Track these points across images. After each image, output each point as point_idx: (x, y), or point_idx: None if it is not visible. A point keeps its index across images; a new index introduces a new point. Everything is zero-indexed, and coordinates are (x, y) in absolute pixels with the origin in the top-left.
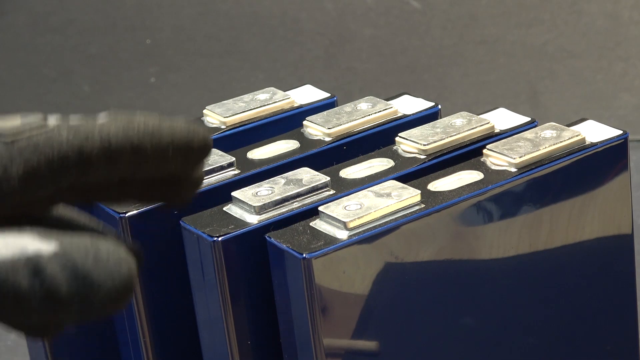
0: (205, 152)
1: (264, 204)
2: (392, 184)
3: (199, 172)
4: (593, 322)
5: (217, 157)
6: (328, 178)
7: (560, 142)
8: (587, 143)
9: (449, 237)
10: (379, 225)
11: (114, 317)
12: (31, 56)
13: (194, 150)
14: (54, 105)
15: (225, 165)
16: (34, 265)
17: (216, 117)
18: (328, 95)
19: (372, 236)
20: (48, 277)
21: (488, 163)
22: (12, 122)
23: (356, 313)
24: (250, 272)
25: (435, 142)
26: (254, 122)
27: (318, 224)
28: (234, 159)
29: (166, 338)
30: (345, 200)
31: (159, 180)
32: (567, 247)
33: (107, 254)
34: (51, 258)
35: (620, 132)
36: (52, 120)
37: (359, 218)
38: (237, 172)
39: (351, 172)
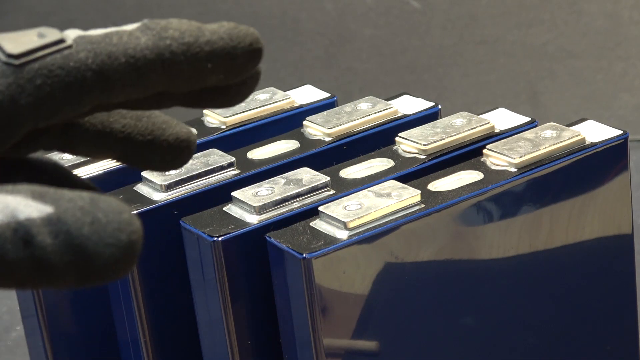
0: (254, 60)
1: (264, 204)
2: (392, 184)
3: (254, 74)
4: (593, 322)
5: (217, 157)
6: (328, 178)
7: (560, 142)
8: (587, 143)
9: (449, 237)
10: (379, 225)
11: (114, 317)
12: None
13: (237, 60)
14: None
15: (225, 165)
16: (23, 232)
17: (216, 117)
18: (328, 95)
19: (372, 236)
20: (38, 247)
21: (488, 163)
22: (24, 40)
23: (356, 313)
24: (250, 272)
25: (435, 142)
26: (254, 122)
27: (318, 224)
28: (234, 159)
29: (166, 338)
30: (345, 200)
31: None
32: (567, 247)
33: (106, 219)
34: (43, 224)
35: (620, 132)
36: (71, 35)
37: (359, 218)
38: (237, 172)
39: (351, 172)
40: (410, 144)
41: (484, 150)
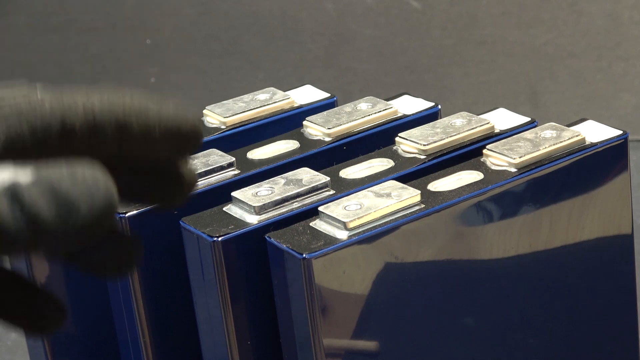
0: (195, 140)
1: (264, 204)
2: (392, 184)
3: (192, 171)
4: (593, 322)
5: (217, 157)
6: (328, 178)
7: (560, 142)
8: (587, 143)
9: (449, 237)
10: (379, 225)
11: (114, 317)
12: (31, 56)
13: (182, 135)
14: None
15: (225, 165)
16: (12, 193)
17: (216, 117)
18: (328, 95)
19: (372, 236)
20: (27, 203)
21: (488, 163)
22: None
23: (356, 313)
24: (250, 272)
25: (435, 142)
26: (254, 122)
27: (318, 224)
28: (234, 159)
29: (166, 338)
30: (345, 201)
31: (149, 173)
32: (567, 247)
33: (84, 175)
34: (29, 184)
35: (620, 132)
36: (37, 90)
37: (359, 218)
38: (237, 172)
39: (351, 172)
40: (410, 144)
41: (484, 151)
